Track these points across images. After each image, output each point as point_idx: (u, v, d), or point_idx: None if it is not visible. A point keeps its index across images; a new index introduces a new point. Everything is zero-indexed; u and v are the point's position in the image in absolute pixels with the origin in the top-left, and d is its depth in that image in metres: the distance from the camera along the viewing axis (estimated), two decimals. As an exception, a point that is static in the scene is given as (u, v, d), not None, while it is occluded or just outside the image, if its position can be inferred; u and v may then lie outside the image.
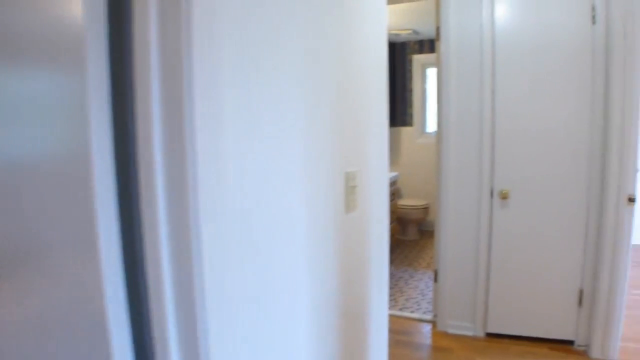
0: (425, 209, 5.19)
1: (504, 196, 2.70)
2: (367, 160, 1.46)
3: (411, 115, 5.58)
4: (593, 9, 2.42)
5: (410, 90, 5.57)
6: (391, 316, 3.29)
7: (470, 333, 2.94)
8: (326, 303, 1.17)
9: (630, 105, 2.29)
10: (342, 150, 1.25)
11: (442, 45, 2.81)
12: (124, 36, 0.68)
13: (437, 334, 3.01)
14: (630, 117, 2.32)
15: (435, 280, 3.09)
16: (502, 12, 2.62)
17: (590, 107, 2.49)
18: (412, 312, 3.35)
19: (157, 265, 0.68)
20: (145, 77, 0.67)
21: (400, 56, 5.59)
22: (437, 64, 2.87)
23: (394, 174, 4.87)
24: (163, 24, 0.66)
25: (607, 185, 2.44)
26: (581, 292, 2.65)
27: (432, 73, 5.54)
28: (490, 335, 2.91)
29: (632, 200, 2.34)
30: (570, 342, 2.74)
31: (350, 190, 1.32)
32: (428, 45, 5.44)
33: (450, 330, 3.00)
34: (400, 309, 3.41)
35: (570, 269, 2.66)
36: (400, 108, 5.62)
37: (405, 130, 5.65)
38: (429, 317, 3.23)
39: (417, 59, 5.50)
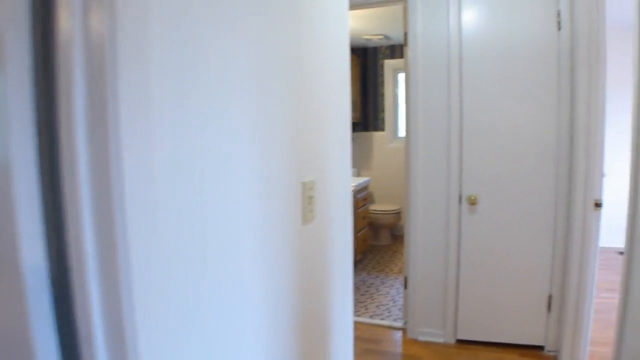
0: (398, 214, 5.18)
1: (473, 202, 2.68)
2: (327, 168, 1.40)
3: (383, 120, 5.58)
4: (558, 14, 2.43)
5: (382, 95, 5.56)
6: (361, 324, 3.23)
7: (440, 340, 2.91)
8: (284, 315, 1.10)
9: (596, 111, 2.30)
10: (299, 159, 1.19)
11: (410, 51, 2.78)
12: (49, 31, 0.61)
13: (408, 341, 2.97)
14: (595, 122, 2.32)
15: (405, 286, 3.05)
16: (469, 17, 2.61)
17: (556, 113, 2.49)
18: (382, 319, 3.30)
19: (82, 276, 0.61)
20: (69, 77, 0.60)
21: (372, 61, 5.58)
22: (405, 69, 2.84)
23: (365, 179, 4.83)
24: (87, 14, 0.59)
25: (574, 190, 2.44)
26: (550, 298, 2.65)
27: (403, 78, 5.54)
28: (460, 342, 2.88)
29: (598, 205, 2.34)
30: (541, 348, 2.73)
31: (308, 200, 1.26)
32: (399, 50, 5.44)
33: (421, 338, 2.96)
34: (371, 316, 3.36)
35: (539, 274, 2.65)
36: (372, 113, 5.61)
37: (377, 135, 5.63)
38: (399, 324, 3.19)
39: (389, 63, 5.50)
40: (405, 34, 2.81)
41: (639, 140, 1.80)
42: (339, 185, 1.53)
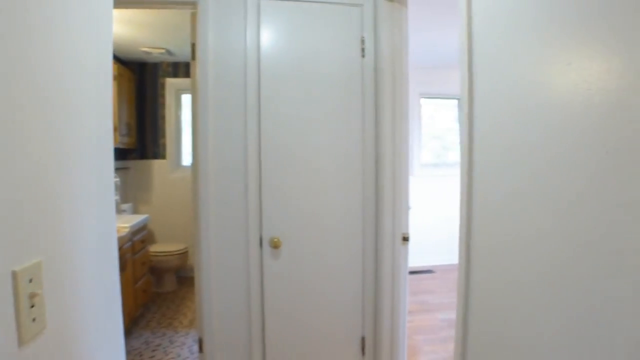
0: (184, 254, 4.53)
1: (276, 245, 2.32)
2: (71, 237, 0.82)
3: (164, 147, 4.91)
4: (362, 41, 2.31)
5: (163, 118, 4.90)
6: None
7: (245, 410, 2.43)
8: None
9: (400, 143, 2.22)
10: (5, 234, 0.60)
11: (199, 66, 2.29)
12: None
13: (204, 421, 2.39)
14: (400, 154, 2.24)
15: (201, 349, 2.48)
16: (270, 34, 2.29)
17: (362, 147, 2.34)
18: (171, 395, 2.65)
19: None
20: None
21: (151, 79, 4.89)
22: (192, 87, 2.35)
23: (143, 217, 4.06)
24: None
25: (382, 226, 2.32)
26: (363, 340, 2.46)
27: (188, 100, 5.00)
28: (268, 408, 2.45)
29: (406, 239, 2.27)
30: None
31: (28, 301, 0.67)
32: (184, 68, 4.91)
33: (221, 413, 2.43)
34: (156, 393, 2.67)
35: (351, 317, 2.47)
36: (151, 138, 4.89)
37: (157, 164, 4.91)
38: (192, 398, 2.60)
39: (171, 83, 4.90)
40: (194, 45, 2.33)
41: (471, 165, 1.66)
42: (97, 259, 0.94)
